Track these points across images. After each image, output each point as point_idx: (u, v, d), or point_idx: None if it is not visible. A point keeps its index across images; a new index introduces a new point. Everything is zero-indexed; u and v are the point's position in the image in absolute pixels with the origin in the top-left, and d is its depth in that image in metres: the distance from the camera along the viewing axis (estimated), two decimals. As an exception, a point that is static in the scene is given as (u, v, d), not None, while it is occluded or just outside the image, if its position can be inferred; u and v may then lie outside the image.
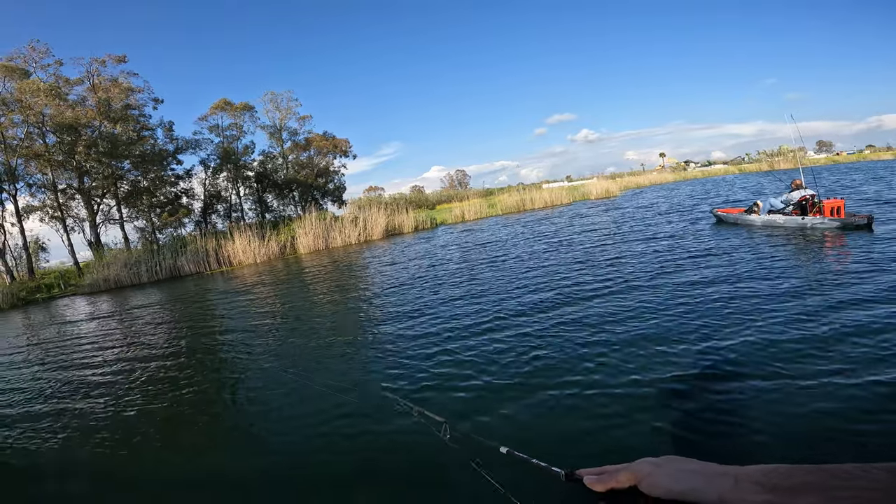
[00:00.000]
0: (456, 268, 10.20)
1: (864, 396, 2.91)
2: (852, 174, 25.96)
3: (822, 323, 4.15)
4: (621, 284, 6.48)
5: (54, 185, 24.63)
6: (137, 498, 3.09)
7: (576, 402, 3.31)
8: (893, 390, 2.93)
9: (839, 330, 3.95)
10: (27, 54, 23.07)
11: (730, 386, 3.25)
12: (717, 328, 4.34)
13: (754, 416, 2.82)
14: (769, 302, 4.90)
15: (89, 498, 3.21)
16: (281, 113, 33.91)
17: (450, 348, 4.85)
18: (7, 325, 14.30)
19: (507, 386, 3.71)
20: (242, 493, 2.93)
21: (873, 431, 2.59)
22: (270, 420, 3.89)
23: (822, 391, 3.03)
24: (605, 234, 12.06)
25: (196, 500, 2.96)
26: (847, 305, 4.53)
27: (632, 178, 48.46)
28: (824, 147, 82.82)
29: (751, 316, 4.55)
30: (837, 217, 8.81)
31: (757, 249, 7.78)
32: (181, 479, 3.20)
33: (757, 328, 4.20)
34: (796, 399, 2.97)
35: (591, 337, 4.54)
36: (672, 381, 3.40)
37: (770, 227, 9.87)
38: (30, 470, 3.72)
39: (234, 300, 11.03)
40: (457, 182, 72.78)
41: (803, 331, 4.03)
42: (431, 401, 3.67)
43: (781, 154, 50.60)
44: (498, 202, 29.87)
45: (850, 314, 4.27)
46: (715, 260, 7.37)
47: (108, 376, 5.98)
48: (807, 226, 9.16)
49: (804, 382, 3.16)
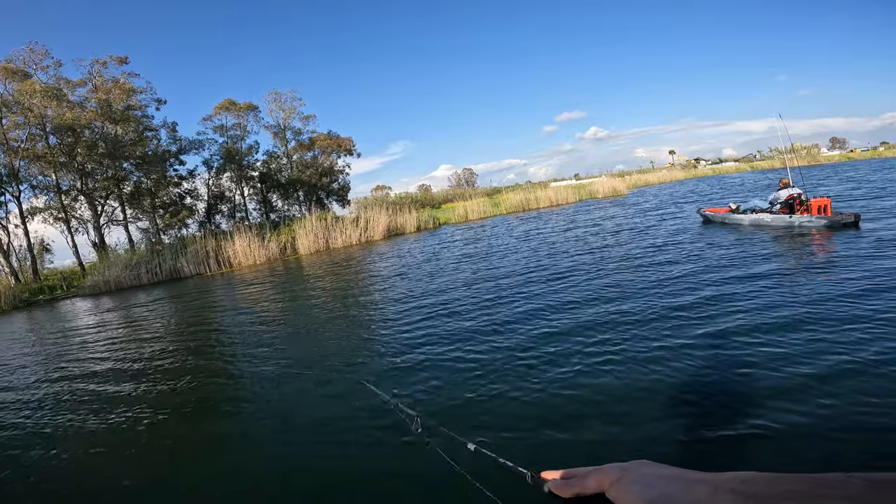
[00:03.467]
0: (449, 276, 9.94)
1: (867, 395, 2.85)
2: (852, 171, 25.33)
3: (808, 322, 4.13)
4: (606, 282, 6.43)
5: (58, 187, 24.68)
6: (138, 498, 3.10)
7: (560, 408, 3.27)
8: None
9: (820, 326, 3.98)
10: (26, 56, 23.13)
11: (709, 390, 3.19)
12: (701, 329, 4.31)
13: (738, 423, 2.78)
14: (755, 300, 4.91)
15: (89, 498, 3.23)
16: (285, 112, 33.71)
17: (436, 352, 4.77)
18: (7, 325, 14.31)
19: (494, 389, 3.70)
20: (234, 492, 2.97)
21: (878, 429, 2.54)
22: (263, 420, 3.98)
23: (806, 394, 2.97)
24: (606, 234, 11.84)
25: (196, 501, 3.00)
26: (840, 302, 4.48)
27: (640, 176, 47.70)
28: (838, 144, 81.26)
29: (735, 316, 4.53)
30: (824, 215, 8.80)
31: (744, 249, 7.86)
32: (176, 483, 3.22)
33: (741, 328, 4.20)
34: (786, 403, 2.89)
35: (580, 342, 4.39)
36: (652, 385, 3.37)
37: (758, 225, 9.90)
38: (31, 470, 3.74)
39: (233, 301, 11.00)
40: (464, 181, 72.56)
41: (787, 328, 4.04)
42: (417, 400, 3.73)
43: (794, 151, 49.70)
44: (502, 201, 29.43)
45: (842, 312, 4.23)
46: (699, 259, 7.52)
47: (100, 380, 5.94)
48: (794, 224, 9.14)
49: (792, 384, 3.11)
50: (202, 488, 3.06)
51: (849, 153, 62.98)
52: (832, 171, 31.63)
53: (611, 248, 9.82)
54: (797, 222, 9.08)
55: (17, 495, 3.36)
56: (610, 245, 10.18)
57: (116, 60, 25.55)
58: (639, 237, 10.80)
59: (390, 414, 1.30)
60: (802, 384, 3.06)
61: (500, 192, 43.40)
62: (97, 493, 3.23)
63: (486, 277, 8.55)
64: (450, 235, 19.36)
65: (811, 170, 32.90)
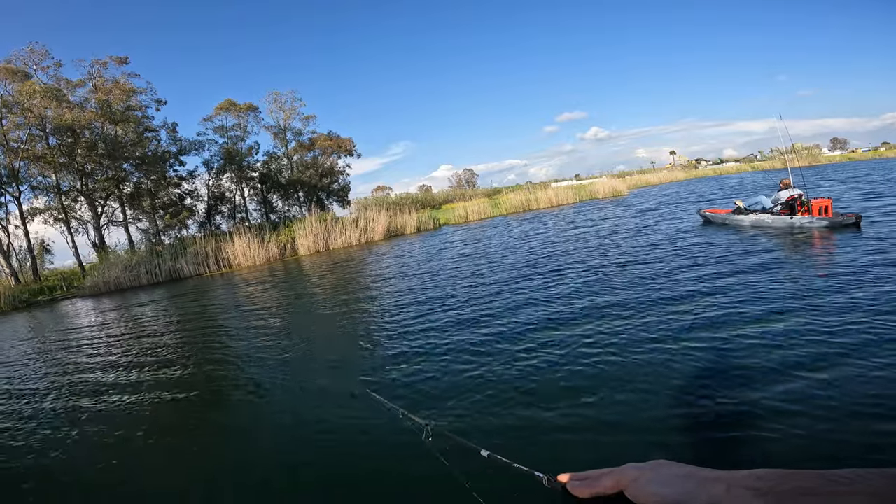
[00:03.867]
0: (449, 275, 9.91)
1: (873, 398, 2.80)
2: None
3: (815, 321, 4.07)
4: (607, 284, 6.37)
5: (58, 187, 24.66)
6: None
7: (565, 408, 3.23)
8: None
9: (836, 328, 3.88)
10: (27, 56, 23.12)
11: (717, 391, 3.15)
12: (710, 329, 4.27)
13: (750, 422, 2.74)
14: (762, 302, 4.83)
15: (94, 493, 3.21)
16: (285, 113, 33.63)
17: (436, 354, 4.72)
18: (7, 325, 14.28)
19: (499, 392, 3.64)
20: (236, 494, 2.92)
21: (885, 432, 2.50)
22: (259, 422, 3.97)
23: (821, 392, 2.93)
24: (610, 233, 11.77)
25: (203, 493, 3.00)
26: (849, 306, 4.35)
27: (641, 177, 47.67)
28: (839, 144, 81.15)
29: (744, 316, 4.48)
30: (825, 216, 8.73)
31: (745, 249, 7.79)
32: (182, 476, 3.23)
33: (752, 328, 4.13)
34: (801, 401, 2.87)
35: (582, 343, 4.36)
36: (662, 386, 3.33)
37: (759, 227, 9.79)
38: (31, 471, 3.67)
39: (233, 302, 10.96)
40: (465, 181, 72.37)
41: (796, 328, 3.96)
42: (422, 405, 3.65)
43: (795, 151, 49.60)
44: (502, 202, 29.38)
45: (854, 315, 4.10)
46: (698, 259, 7.45)
47: (100, 380, 5.90)
48: (795, 225, 9.08)
49: (804, 383, 3.08)
50: (208, 481, 3.08)
51: (850, 154, 62.91)
52: (832, 171, 31.56)
53: (609, 247, 9.76)
54: (798, 223, 9.02)
55: (18, 493, 3.33)
56: (609, 244, 10.12)
57: (116, 61, 25.53)
58: (639, 235, 10.76)
59: (397, 422, 1.28)
60: (808, 384, 3.04)
61: (500, 192, 43.34)
62: (100, 488, 3.22)
63: (485, 277, 8.52)
64: (449, 236, 19.35)
65: (811, 170, 32.81)
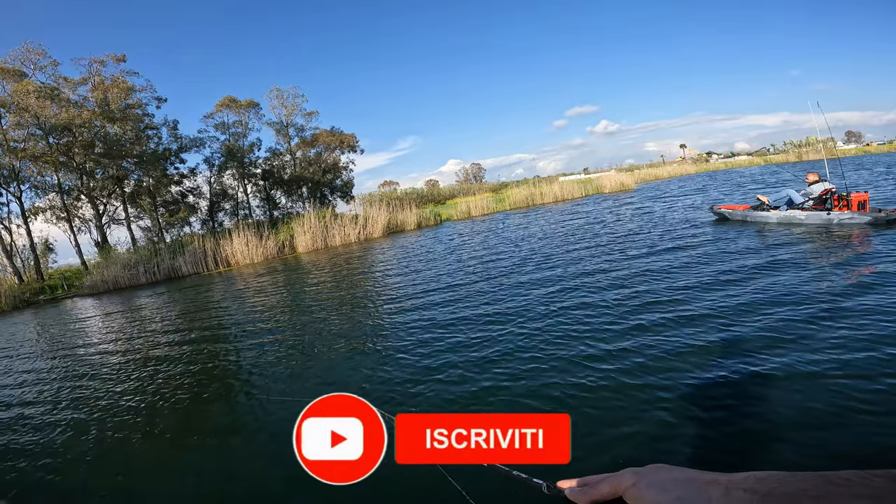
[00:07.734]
0: (446, 271, 9.55)
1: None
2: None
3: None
4: (613, 284, 6.12)
5: (59, 186, 24.60)
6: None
7: (562, 406, 3.16)
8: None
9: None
10: (23, 55, 22.98)
11: (720, 392, 3.06)
12: (717, 330, 4.09)
13: (750, 423, 2.71)
14: (784, 304, 4.44)
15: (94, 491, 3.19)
16: (287, 109, 33.28)
17: (432, 356, 4.55)
18: (8, 325, 14.35)
19: (497, 397, 3.51)
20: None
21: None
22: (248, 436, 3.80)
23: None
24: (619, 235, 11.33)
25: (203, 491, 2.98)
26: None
27: (650, 171, 46.53)
28: (853, 138, 79.27)
29: (757, 319, 4.18)
30: (865, 212, 7.91)
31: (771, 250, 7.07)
32: (182, 474, 3.22)
33: (756, 330, 3.95)
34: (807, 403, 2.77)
35: (581, 344, 4.17)
36: (662, 388, 3.21)
37: (788, 223, 8.94)
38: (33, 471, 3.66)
39: (231, 300, 10.97)
40: (472, 176, 71.80)
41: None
42: (419, 409, 3.56)
43: (809, 144, 48.45)
44: (507, 197, 28.84)
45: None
46: (718, 263, 6.79)
47: (100, 378, 5.92)
48: (833, 221, 8.25)
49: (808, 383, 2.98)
50: (208, 481, 3.06)
51: (865, 146, 61.40)
52: (850, 164, 30.58)
53: (611, 243, 9.33)
54: (836, 219, 8.19)
55: (21, 490, 3.35)
56: (608, 242, 9.69)
57: (114, 59, 25.33)
58: (653, 230, 10.29)
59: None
60: (809, 385, 2.95)
61: (506, 186, 42.75)
62: (101, 486, 3.21)
63: (483, 274, 8.24)
64: (450, 232, 19.03)
65: (832, 163, 31.77)
